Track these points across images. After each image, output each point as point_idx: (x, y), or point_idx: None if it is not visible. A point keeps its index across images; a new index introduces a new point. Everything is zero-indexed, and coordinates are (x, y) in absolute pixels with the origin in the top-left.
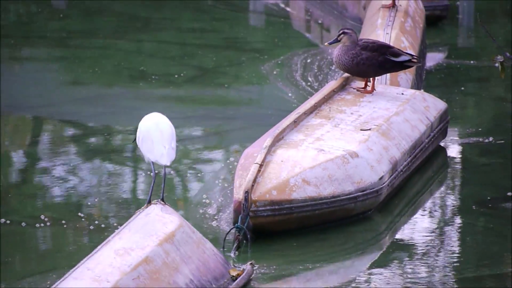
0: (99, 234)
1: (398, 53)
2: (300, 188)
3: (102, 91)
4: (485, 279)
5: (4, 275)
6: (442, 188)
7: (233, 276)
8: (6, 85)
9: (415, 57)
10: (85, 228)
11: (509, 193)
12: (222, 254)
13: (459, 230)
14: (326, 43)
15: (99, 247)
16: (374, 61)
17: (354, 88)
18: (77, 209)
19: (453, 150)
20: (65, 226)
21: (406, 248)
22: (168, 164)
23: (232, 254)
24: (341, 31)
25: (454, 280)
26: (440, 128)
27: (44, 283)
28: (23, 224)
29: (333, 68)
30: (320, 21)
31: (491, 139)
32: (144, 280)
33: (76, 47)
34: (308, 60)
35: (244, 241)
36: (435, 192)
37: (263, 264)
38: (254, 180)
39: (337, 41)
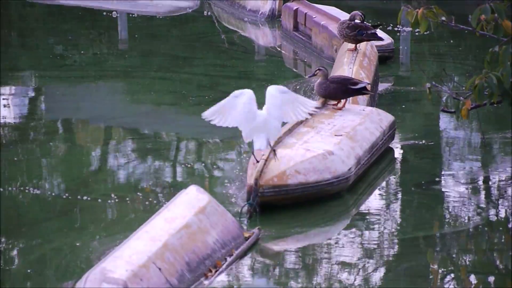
0: (152, 207)
1: (356, 82)
2: (293, 176)
3: (154, 108)
4: (419, 239)
5: (84, 237)
6: (391, 176)
7: (246, 237)
8: (88, 104)
9: (369, 84)
10: (142, 203)
11: (437, 179)
12: (238, 221)
13: (402, 204)
14: (307, 76)
15: (153, 216)
16: (339, 90)
17: (331, 105)
18: (136, 190)
19: (398, 149)
20: (128, 201)
21: (366, 217)
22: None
23: (245, 222)
24: (317, 69)
25: (397, 239)
26: (389, 134)
27: (114, 242)
28: (99, 200)
29: (313, 92)
30: (305, 60)
31: (424, 141)
32: (185, 240)
33: (136, 77)
34: (297, 87)
35: (254, 213)
36: (386, 178)
37: (266, 229)
38: (261, 171)
39: (314, 75)
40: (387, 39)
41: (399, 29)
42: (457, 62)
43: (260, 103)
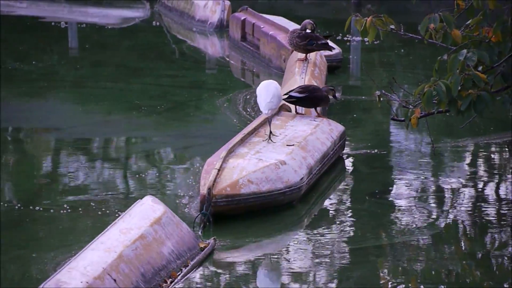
0: (105, 217)
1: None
2: (246, 186)
3: (106, 118)
4: (371, 248)
5: (37, 248)
6: (343, 185)
7: (201, 247)
8: (39, 115)
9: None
10: (96, 214)
11: (389, 188)
12: (194, 232)
13: (354, 214)
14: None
15: (108, 227)
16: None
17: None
18: (89, 200)
19: (349, 159)
20: (81, 212)
21: (317, 226)
22: (266, 111)
23: (199, 232)
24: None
25: (349, 248)
26: (340, 144)
27: (69, 253)
28: (52, 210)
29: None
30: (253, 70)
31: (376, 150)
32: (140, 251)
33: (88, 87)
34: (247, 97)
35: (208, 223)
36: (337, 188)
37: (221, 239)
38: (214, 181)
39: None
40: (335, 49)
41: (349, 38)
42: (407, 71)
43: (210, 111)
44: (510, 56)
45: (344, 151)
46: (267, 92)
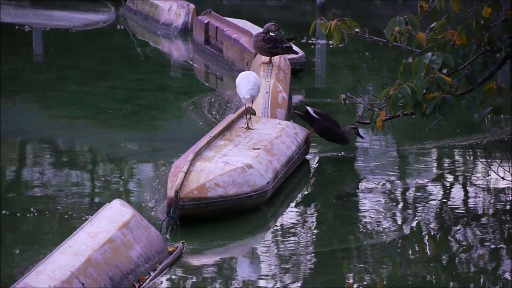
0: (72, 221)
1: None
2: (213, 189)
3: (72, 122)
4: (337, 251)
5: (4, 252)
6: (309, 188)
7: (169, 251)
8: (4, 118)
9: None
10: (62, 217)
11: (355, 191)
12: (162, 235)
13: (320, 216)
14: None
15: (76, 230)
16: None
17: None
18: (56, 204)
19: (315, 162)
20: (48, 216)
21: (284, 229)
22: (248, 96)
23: (167, 236)
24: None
25: (315, 251)
26: (304, 148)
27: (37, 257)
28: (18, 214)
29: (228, 105)
30: (216, 73)
31: (342, 153)
32: (108, 255)
33: (53, 91)
34: (212, 100)
35: (175, 226)
36: (304, 190)
37: (189, 242)
38: (181, 184)
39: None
40: (298, 53)
41: (313, 41)
42: (373, 74)
43: (176, 115)
44: (475, 59)
45: (310, 154)
46: (248, 80)
